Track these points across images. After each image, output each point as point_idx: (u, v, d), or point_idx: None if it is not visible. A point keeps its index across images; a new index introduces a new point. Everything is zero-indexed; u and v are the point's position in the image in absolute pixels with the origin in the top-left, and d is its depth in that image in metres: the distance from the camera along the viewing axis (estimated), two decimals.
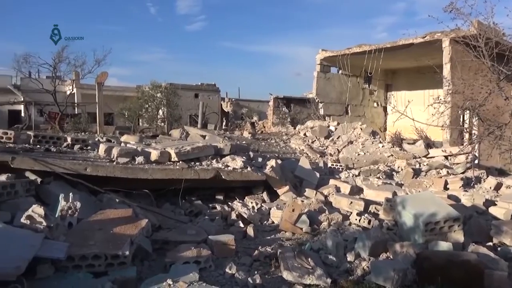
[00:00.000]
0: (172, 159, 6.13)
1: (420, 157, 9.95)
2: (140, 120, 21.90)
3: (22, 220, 3.39)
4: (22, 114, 24.54)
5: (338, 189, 6.92)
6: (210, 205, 6.09)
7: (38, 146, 6.25)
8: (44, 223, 3.37)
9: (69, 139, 6.77)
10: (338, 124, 13.99)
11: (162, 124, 20.85)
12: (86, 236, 3.54)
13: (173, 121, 20.90)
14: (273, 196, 6.51)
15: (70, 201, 3.90)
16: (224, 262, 3.90)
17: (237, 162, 6.36)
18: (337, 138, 12.61)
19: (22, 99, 22.89)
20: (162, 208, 5.66)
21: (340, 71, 18.71)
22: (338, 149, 11.17)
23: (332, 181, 7.34)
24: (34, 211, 3.43)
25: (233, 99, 32.28)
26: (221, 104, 29.61)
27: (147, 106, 21.27)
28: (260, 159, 7.22)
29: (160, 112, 21.70)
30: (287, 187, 6.52)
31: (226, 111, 29.47)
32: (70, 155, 5.99)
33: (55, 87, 18.19)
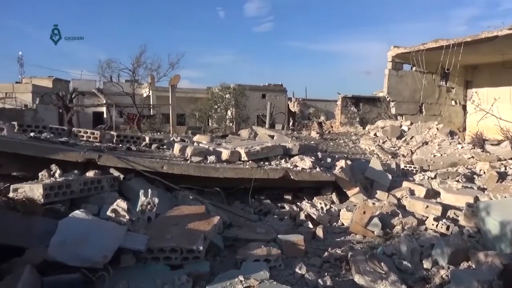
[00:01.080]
0: (242, 159, 6.25)
1: (505, 160, 9.13)
2: (209, 120, 22.73)
3: (108, 213, 3.67)
4: (105, 115, 26.66)
5: (412, 192, 6.58)
6: (279, 204, 6.11)
7: (120, 145, 6.73)
8: (127, 217, 3.62)
9: (147, 139, 7.22)
10: (411, 123, 13.32)
11: (231, 124, 21.44)
12: (163, 230, 3.73)
13: (241, 121, 21.42)
14: (342, 197, 6.37)
15: (149, 196, 4.13)
16: (294, 262, 3.89)
17: (305, 162, 6.32)
18: (410, 139, 12.01)
19: (105, 102, 24.88)
20: (232, 206, 5.79)
21: (414, 68, 17.80)
22: (411, 150, 10.64)
23: (405, 184, 7.00)
24: (118, 205, 3.70)
25: (300, 99, 32.20)
26: (288, 104, 29.63)
27: (216, 107, 22.01)
28: (329, 160, 7.10)
29: (229, 112, 22.32)
30: (357, 189, 6.34)
31: (293, 111, 29.41)
32: (148, 153, 6.37)
33: (134, 90, 19.55)
